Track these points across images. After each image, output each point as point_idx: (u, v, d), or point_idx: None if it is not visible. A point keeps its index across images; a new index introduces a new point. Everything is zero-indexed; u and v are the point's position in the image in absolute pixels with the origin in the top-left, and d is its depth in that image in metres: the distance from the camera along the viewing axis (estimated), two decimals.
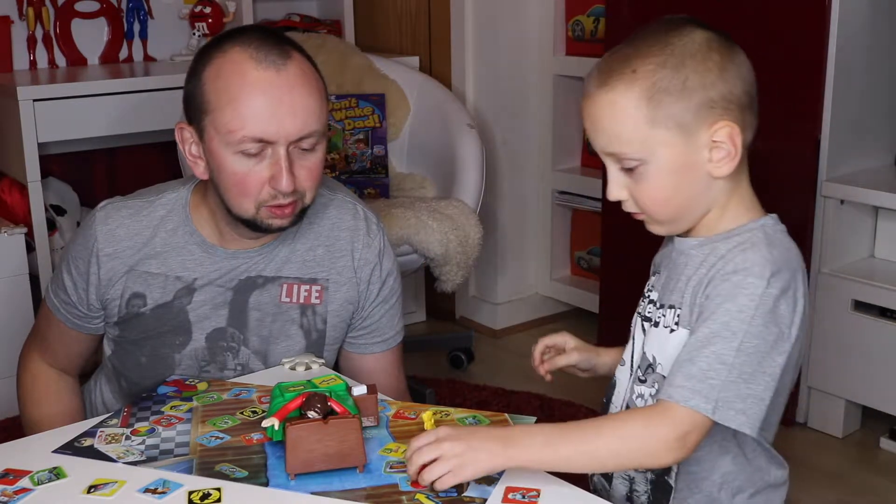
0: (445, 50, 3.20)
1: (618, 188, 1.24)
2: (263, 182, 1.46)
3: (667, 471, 1.29)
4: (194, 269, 1.58)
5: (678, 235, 1.30)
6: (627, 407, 1.33)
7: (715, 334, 1.16)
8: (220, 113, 1.45)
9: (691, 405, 1.15)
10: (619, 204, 1.29)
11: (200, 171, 1.53)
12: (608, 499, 1.35)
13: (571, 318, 3.37)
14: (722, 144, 1.20)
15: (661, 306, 1.29)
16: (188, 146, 1.52)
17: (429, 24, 3.28)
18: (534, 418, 1.38)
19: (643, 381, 1.31)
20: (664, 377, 1.25)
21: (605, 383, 1.41)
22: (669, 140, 1.19)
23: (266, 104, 1.43)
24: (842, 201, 2.45)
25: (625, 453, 1.18)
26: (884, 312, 2.40)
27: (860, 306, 2.44)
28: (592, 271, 3.29)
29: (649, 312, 1.32)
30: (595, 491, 1.38)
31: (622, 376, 1.37)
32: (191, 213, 1.59)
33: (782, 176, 2.51)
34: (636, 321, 1.35)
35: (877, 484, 2.36)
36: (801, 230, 2.48)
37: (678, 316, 1.25)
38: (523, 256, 3.34)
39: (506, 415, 1.39)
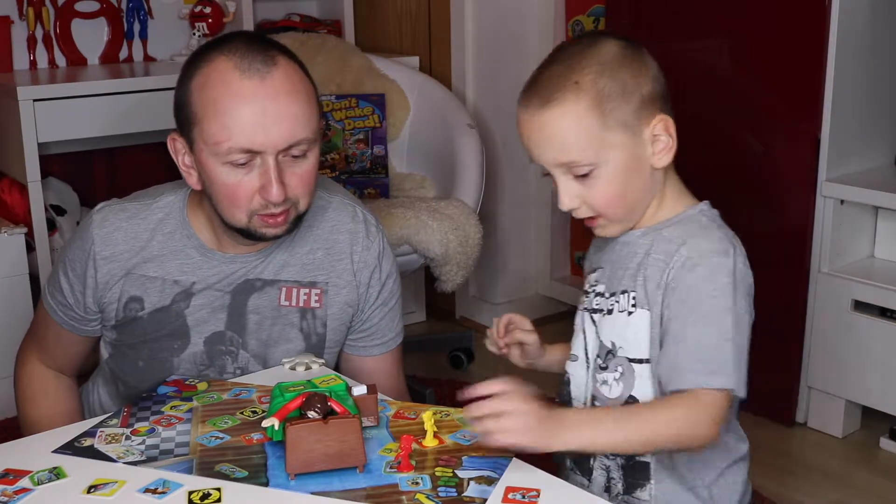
0: (445, 50, 3.20)
1: (569, 197, 1.31)
2: (253, 192, 1.45)
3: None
4: (192, 273, 1.58)
5: None
6: (594, 398, 1.37)
7: (711, 315, 1.24)
8: (208, 124, 1.44)
9: (715, 386, 1.22)
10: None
11: (194, 181, 1.52)
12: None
13: (571, 318, 3.35)
14: (661, 137, 1.30)
15: (612, 294, 1.35)
16: (181, 157, 1.52)
17: (429, 24, 3.28)
18: None
19: (604, 368, 1.35)
20: (628, 359, 1.32)
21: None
22: (619, 142, 1.28)
23: (251, 114, 1.42)
24: (842, 201, 2.45)
25: (678, 440, 1.23)
26: (884, 312, 2.40)
27: (860, 306, 2.44)
28: None
29: (598, 304, 1.38)
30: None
31: (577, 371, 1.41)
32: (188, 216, 1.58)
33: (782, 176, 2.51)
34: (582, 317, 1.41)
35: (877, 484, 2.36)
36: (801, 230, 2.48)
37: (634, 298, 1.32)
38: (523, 256, 3.34)
39: None
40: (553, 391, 1.43)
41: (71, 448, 1.32)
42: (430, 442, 1.30)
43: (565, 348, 1.47)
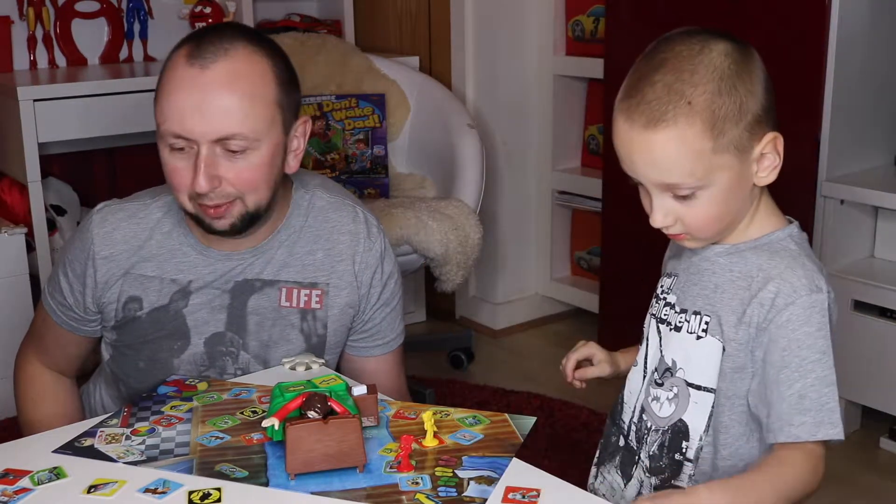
0: (445, 50, 3.20)
1: (664, 215, 1.23)
2: (189, 178, 1.46)
3: (677, 475, 1.30)
4: (189, 272, 1.58)
5: None
6: (643, 409, 1.34)
7: (810, 361, 1.19)
8: (156, 105, 1.47)
9: (822, 438, 1.20)
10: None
11: None
12: (619, 499, 1.36)
13: (571, 318, 3.37)
14: (768, 155, 1.24)
15: (684, 311, 1.30)
16: None
17: (429, 24, 3.28)
18: (534, 419, 1.39)
19: (660, 385, 1.32)
20: (686, 382, 1.27)
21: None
22: (729, 164, 1.21)
23: (185, 101, 1.43)
24: (842, 201, 2.45)
25: (801, 495, 1.20)
26: (884, 312, 2.40)
27: (860, 306, 2.44)
28: (592, 271, 3.29)
29: (665, 315, 1.32)
30: (596, 492, 1.39)
31: (635, 377, 1.37)
32: (185, 215, 1.58)
33: (782, 176, 2.50)
34: (650, 322, 1.36)
35: (877, 484, 2.36)
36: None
37: (706, 324, 1.26)
38: (523, 256, 3.34)
39: (506, 415, 1.39)
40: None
41: (71, 448, 1.32)
42: (430, 442, 1.30)
43: (631, 355, 1.43)
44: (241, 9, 3.13)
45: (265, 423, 1.29)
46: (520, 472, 1.23)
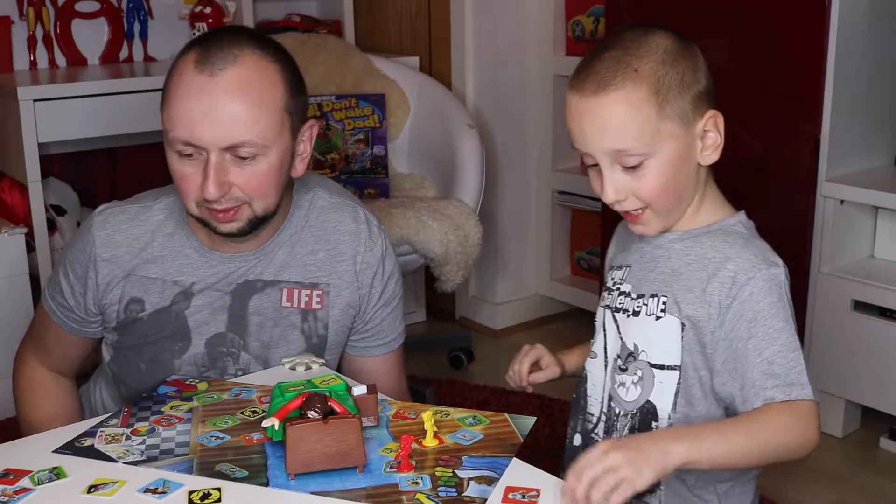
0: (445, 50, 3.20)
1: (615, 189, 1.29)
2: (198, 184, 1.45)
3: None
4: (192, 274, 1.58)
5: None
6: (610, 397, 1.36)
7: (776, 329, 1.24)
8: (164, 111, 1.47)
9: (794, 397, 1.21)
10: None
11: None
12: None
13: (571, 318, 3.37)
14: (710, 133, 1.29)
15: (641, 296, 1.34)
16: None
17: (429, 24, 3.28)
18: (534, 419, 1.39)
19: (624, 370, 1.35)
20: (650, 363, 1.32)
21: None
22: (674, 132, 1.27)
23: (194, 109, 1.42)
24: (842, 201, 2.45)
25: (787, 448, 1.21)
26: (884, 312, 2.40)
27: (860, 306, 2.44)
28: (592, 271, 3.29)
29: (621, 303, 1.37)
30: None
31: (595, 369, 1.40)
32: (188, 217, 1.58)
33: (782, 176, 2.51)
34: (604, 314, 1.40)
35: (877, 484, 2.36)
36: (801, 230, 2.48)
37: (664, 304, 1.31)
38: (523, 256, 3.34)
39: (506, 415, 1.39)
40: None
41: (71, 448, 1.32)
42: (430, 442, 1.30)
43: (582, 352, 1.46)
44: (241, 9, 3.13)
45: (265, 423, 1.29)
46: (520, 472, 1.24)
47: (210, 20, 3.07)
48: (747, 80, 2.54)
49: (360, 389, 1.35)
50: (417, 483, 1.21)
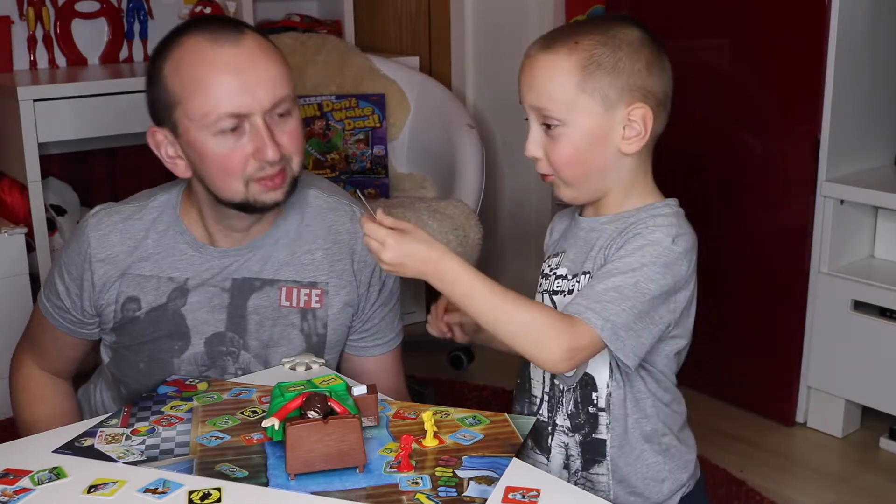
0: (445, 50, 3.21)
1: (535, 145, 1.36)
2: (247, 157, 1.46)
3: (595, 428, 1.37)
4: (185, 269, 1.58)
5: (585, 216, 1.41)
6: (553, 378, 1.41)
7: (618, 270, 1.28)
8: (190, 100, 1.45)
9: (585, 317, 1.25)
10: None
11: (181, 169, 1.53)
12: (545, 471, 1.38)
13: None
14: (634, 124, 1.32)
15: (575, 275, 1.39)
16: (163, 149, 1.53)
17: (429, 24, 3.28)
18: (534, 419, 1.39)
19: None
20: None
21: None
22: (591, 108, 1.31)
23: (234, 79, 1.44)
24: (842, 201, 2.45)
25: (524, 336, 1.26)
26: (884, 312, 2.40)
27: (860, 306, 2.44)
28: None
29: (559, 286, 1.41)
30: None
31: None
32: (181, 214, 1.59)
33: (782, 176, 2.51)
34: (541, 299, 1.45)
35: (877, 484, 2.36)
36: (801, 230, 2.48)
37: (589, 276, 1.35)
38: (523, 256, 3.34)
39: (506, 415, 1.39)
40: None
41: (71, 448, 1.32)
42: (430, 442, 1.30)
43: None
44: (241, 9, 3.14)
45: (265, 423, 1.29)
46: (520, 472, 1.24)
47: None
48: (747, 80, 2.54)
49: (360, 389, 1.35)
50: (417, 483, 1.21)
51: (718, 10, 2.56)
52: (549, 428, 1.41)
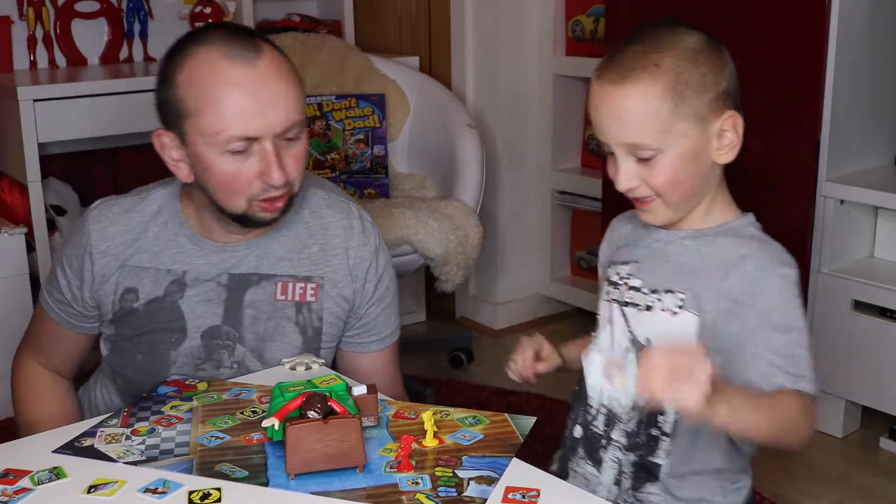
0: (445, 50, 3.20)
1: (628, 178, 1.30)
2: (252, 178, 1.47)
3: (653, 451, 1.34)
4: (183, 262, 1.59)
5: (663, 228, 1.37)
6: None
7: (787, 325, 1.26)
8: (202, 116, 1.45)
9: (801, 388, 1.23)
10: (619, 204, 1.32)
11: (184, 174, 1.53)
12: (595, 486, 1.39)
13: (571, 318, 3.37)
14: (728, 133, 1.31)
15: (654, 291, 1.34)
16: (168, 151, 1.54)
17: (429, 24, 3.28)
18: (534, 419, 1.39)
19: None
20: None
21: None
22: (686, 130, 1.28)
23: (247, 101, 1.43)
24: (842, 201, 2.45)
25: (793, 430, 1.22)
26: (884, 312, 2.40)
27: (860, 306, 2.44)
28: (593, 271, 3.29)
29: (630, 297, 1.37)
30: (565, 477, 1.42)
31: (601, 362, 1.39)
32: (181, 207, 1.60)
33: (782, 176, 2.51)
34: (610, 308, 1.40)
35: (877, 484, 2.36)
36: (801, 230, 2.48)
37: (681, 300, 1.31)
38: (523, 256, 3.34)
39: (506, 415, 1.39)
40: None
41: (71, 448, 1.32)
42: (430, 442, 1.30)
43: (581, 345, 1.45)
44: (241, 9, 3.13)
45: (265, 423, 1.29)
46: (520, 472, 1.24)
47: (210, 20, 3.06)
48: (747, 80, 2.53)
49: (360, 389, 1.35)
50: (417, 483, 1.21)
51: (718, 10, 2.56)
52: (603, 441, 1.39)
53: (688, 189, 1.31)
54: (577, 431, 1.43)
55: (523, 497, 1.18)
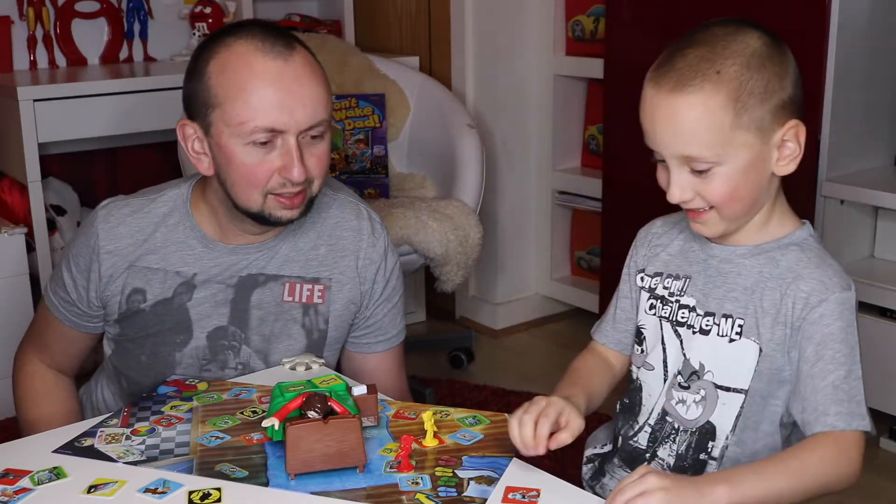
0: (445, 50, 3.20)
1: (681, 189, 1.23)
2: (273, 172, 1.47)
3: (699, 475, 1.28)
4: (194, 264, 1.58)
5: (716, 242, 1.30)
6: (665, 412, 1.33)
7: (844, 355, 1.21)
8: (230, 105, 1.45)
9: (855, 428, 1.19)
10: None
11: (205, 167, 1.53)
12: None
13: (571, 318, 3.37)
14: (789, 143, 1.23)
15: (710, 314, 1.29)
16: (191, 142, 1.53)
17: (429, 24, 3.28)
18: None
19: (685, 388, 1.31)
20: (715, 384, 1.28)
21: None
22: (747, 142, 1.20)
23: (276, 94, 1.44)
24: (842, 201, 2.45)
25: (828, 483, 1.18)
26: (884, 312, 2.40)
27: (860, 306, 2.41)
28: (592, 271, 3.29)
29: (684, 317, 1.31)
30: (605, 487, 1.39)
31: (652, 381, 1.35)
32: (191, 209, 1.59)
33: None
34: (662, 325, 1.34)
35: (877, 484, 2.36)
36: None
37: (740, 326, 1.26)
38: (523, 256, 3.33)
39: (506, 415, 1.39)
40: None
41: (71, 448, 1.32)
42: (430, 442, 1.30)
43: (583, 389, 1.35)
44: (241, 9, 3.14)
45: (265, 423, 1.29)
46: (520, 472, 1.24)
47: (210, 20, 3.07)
48: None
49: (360, 389, 1.35)
50: (417, 483, 1.21)
51: (718, 10, 2.56)
52: (647, 456, 1.34)
53: (746, 203, 1.24)
54: (619, 441, 1.39)
55: (523, 497, 1.18)
